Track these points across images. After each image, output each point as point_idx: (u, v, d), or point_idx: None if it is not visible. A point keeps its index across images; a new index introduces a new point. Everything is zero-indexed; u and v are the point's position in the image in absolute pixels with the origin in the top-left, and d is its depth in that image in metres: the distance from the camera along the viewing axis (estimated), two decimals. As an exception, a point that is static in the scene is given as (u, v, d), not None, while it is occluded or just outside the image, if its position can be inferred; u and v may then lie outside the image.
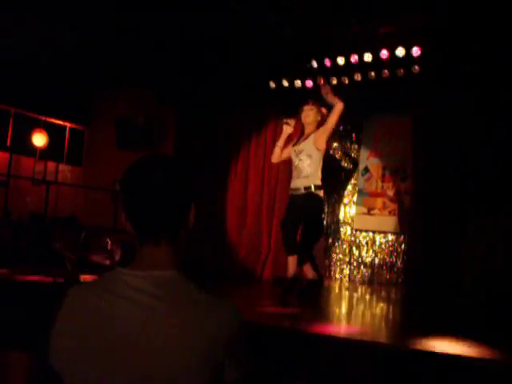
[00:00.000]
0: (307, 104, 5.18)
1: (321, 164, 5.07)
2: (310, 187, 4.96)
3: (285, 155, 5.34)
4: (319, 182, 5.02)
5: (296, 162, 5.11)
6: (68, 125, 9.36)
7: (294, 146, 5.25)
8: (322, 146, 5.02)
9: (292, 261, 4.93)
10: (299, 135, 5.37)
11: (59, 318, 1.23)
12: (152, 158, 1.30)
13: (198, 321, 1.18)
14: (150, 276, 1.22)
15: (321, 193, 5.03)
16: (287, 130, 5.28)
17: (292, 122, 5.30)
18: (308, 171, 5.00)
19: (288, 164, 5.86)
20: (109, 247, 5.15)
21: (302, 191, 4.99)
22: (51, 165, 9.15)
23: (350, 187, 7.69)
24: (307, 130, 5.19)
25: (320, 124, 5.12)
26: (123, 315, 1.17)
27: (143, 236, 1.29)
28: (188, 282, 1.26)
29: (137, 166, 1.28)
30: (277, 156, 5.37)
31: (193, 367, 1.14)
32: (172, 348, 1.14)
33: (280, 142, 5.32)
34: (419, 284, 6.10)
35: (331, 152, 7.75)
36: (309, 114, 5.15)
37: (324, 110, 5.19)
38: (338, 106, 4.94)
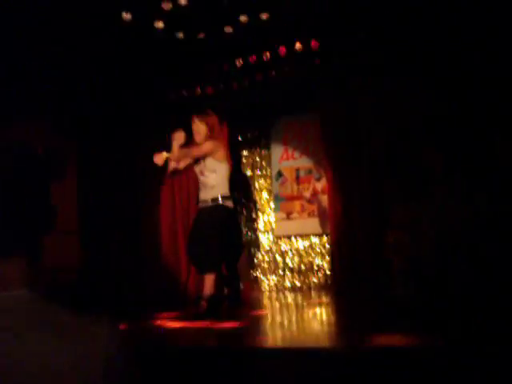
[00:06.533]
0: (195, 116, 4.94)
1: (227, 175, 4.93)
2: (217, 198, 4.82)
3: (181, 166, 5.08)
4: (227, 193, 4.88)
5: (201, 178, 4.97)
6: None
7: (195, 165, 5.02)
8: (222, 158, 4.89)
9: (208, 279, 4.62)
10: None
11: None
12: None
13: (60, 349, 0.89)
14: None
15: (230, 203, 4.89)
16: (177, 141, 4.92)
17: (180, 133, 4.96)
18: (214, 183, 4.85)
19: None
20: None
21: (210, 203, 4.84)
22: None
23: (265, 194, 7.47)
24: (197, 141, 4.92)
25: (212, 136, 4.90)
26: None
27: None
28: (47, 303, 0.96)
29: None
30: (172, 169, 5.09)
31: None
32: None
33: (174, 157, 4.96)
34: (348, 283, 5.94)
35: (243, 160, 7.54)
36: (195, 126, 4.93)
37: (213, 121, 4.95)
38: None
